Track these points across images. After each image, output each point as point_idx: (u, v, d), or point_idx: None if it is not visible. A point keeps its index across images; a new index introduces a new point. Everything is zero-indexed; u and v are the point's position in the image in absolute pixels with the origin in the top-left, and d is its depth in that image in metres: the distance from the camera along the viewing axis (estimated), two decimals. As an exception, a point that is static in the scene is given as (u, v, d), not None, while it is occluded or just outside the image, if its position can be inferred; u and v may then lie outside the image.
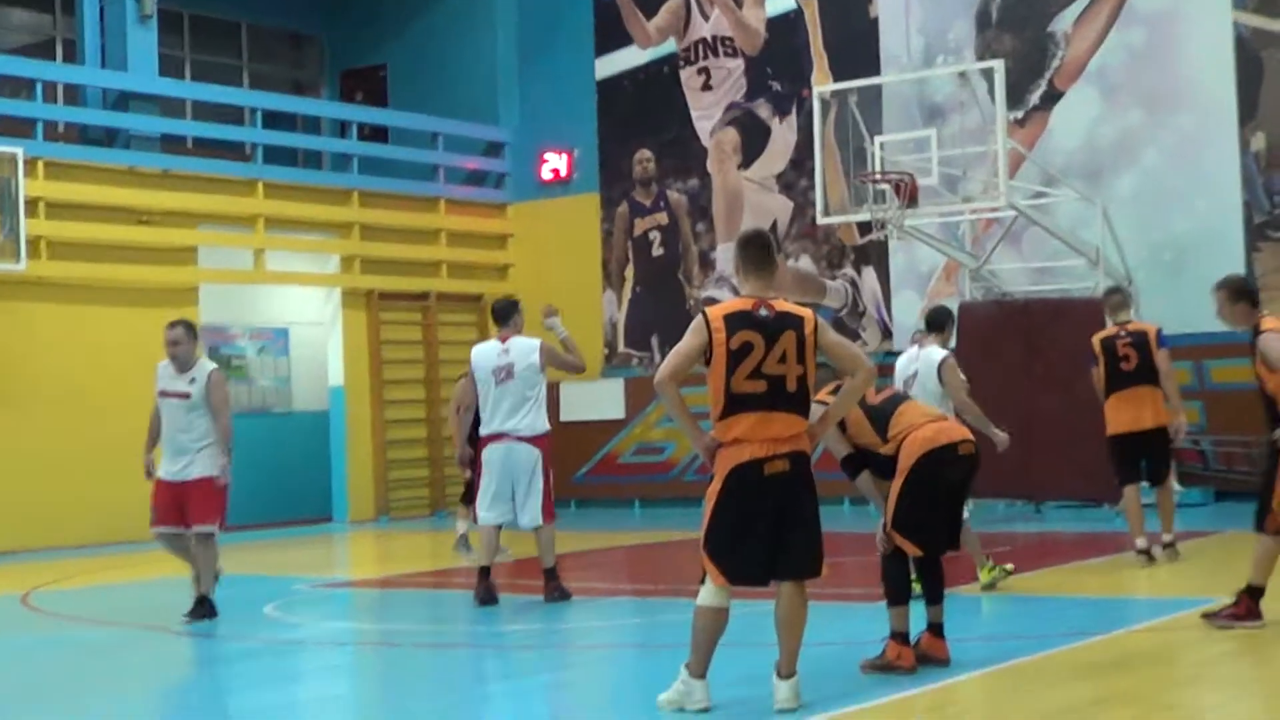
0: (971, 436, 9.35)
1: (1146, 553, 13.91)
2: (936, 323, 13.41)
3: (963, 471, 9.20)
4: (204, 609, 12.66)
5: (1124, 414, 14.36)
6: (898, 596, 9.18)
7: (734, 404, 7.86)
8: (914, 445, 9.05)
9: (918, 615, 9.22)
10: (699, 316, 8.03)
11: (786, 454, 7.83)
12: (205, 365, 12.92)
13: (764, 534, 7.83)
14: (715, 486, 7.90)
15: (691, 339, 7.99)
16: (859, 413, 9.09)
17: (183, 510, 12.67)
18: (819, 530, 8.03)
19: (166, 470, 12.70)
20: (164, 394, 12.82)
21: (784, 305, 8.02)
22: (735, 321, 7.91)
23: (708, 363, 7.98)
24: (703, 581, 7.97)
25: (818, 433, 8.12)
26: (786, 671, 8.01)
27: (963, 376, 12.93)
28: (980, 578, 12.45)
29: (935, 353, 13.09)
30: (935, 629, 9.25)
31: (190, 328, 13.02)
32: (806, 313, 8.08)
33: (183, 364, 12.85)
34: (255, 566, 18.04)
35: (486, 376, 13.01)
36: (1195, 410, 19.96)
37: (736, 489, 7.82)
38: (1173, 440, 14.16)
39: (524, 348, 12.97)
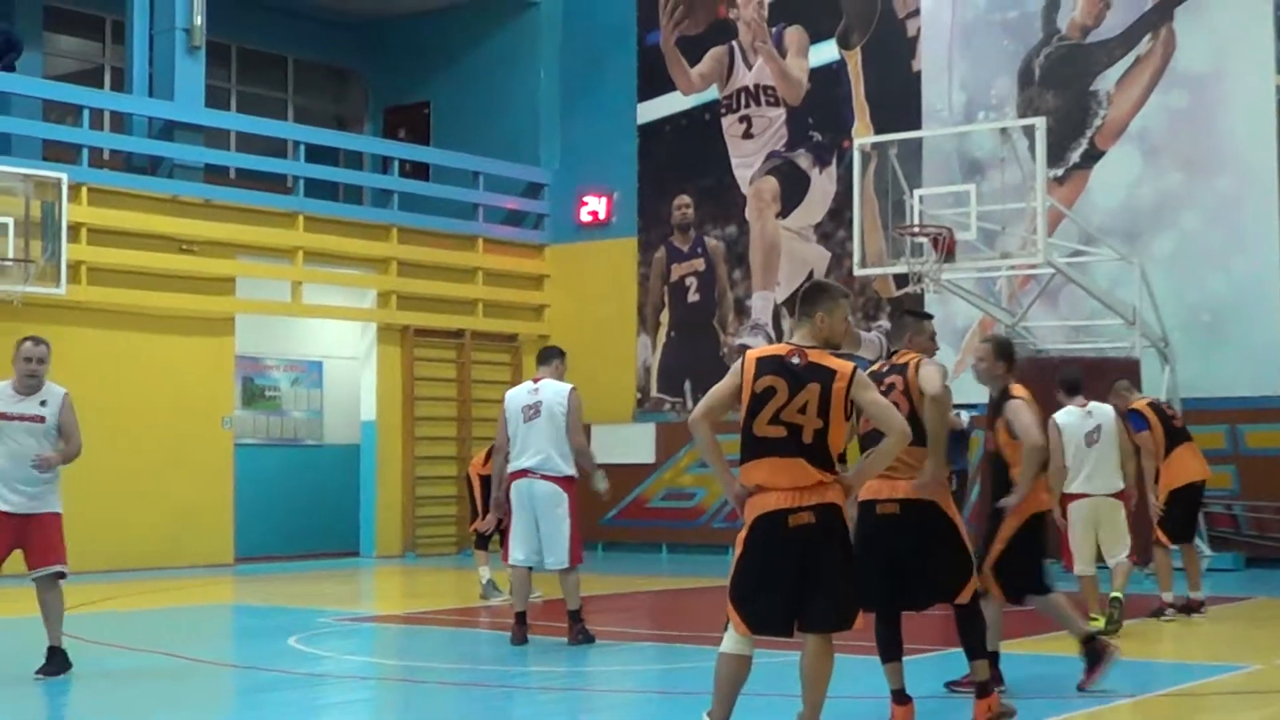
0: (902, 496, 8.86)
1: (1176, 607, 14.22)
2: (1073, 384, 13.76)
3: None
4: (59, 662, 11.36)
5: (1193, 463, 14.69)
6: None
7: (754, 448, 7.81)
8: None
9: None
10: (740, 358, 8.02)
11: (811, 506, 7.68)
12: (55, 388, 11.82)
13: (786, 585, 7.71)
14: (742, 534, 7.83)
15: (728, 379, 7.98)
16: None
17: (22, 547, 11.47)
18: (849, 583, 7.86)
19: (7, 502, 11.32)
20: (7, 418, 11.39)
21: (819, 356, 7.90)
22: (765, 365, 7.87)
23: (742, 405, 7.94)
24: (726, 628, 7.91)
25: (851, 484, 7.97)
26: None
27: None
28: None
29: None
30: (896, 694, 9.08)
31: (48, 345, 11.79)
32: (843, 366, 7.91)
33: (36, 385, 11.65)
34: (280, 598, 18.07)
35: (516, 414, 13.07)
36: (1228, 475, 19.88)
37: (761, 538, 7.74)
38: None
39: (555, 390, 13.02)
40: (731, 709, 7.92)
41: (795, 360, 7.84)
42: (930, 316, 9.51)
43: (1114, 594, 13.33)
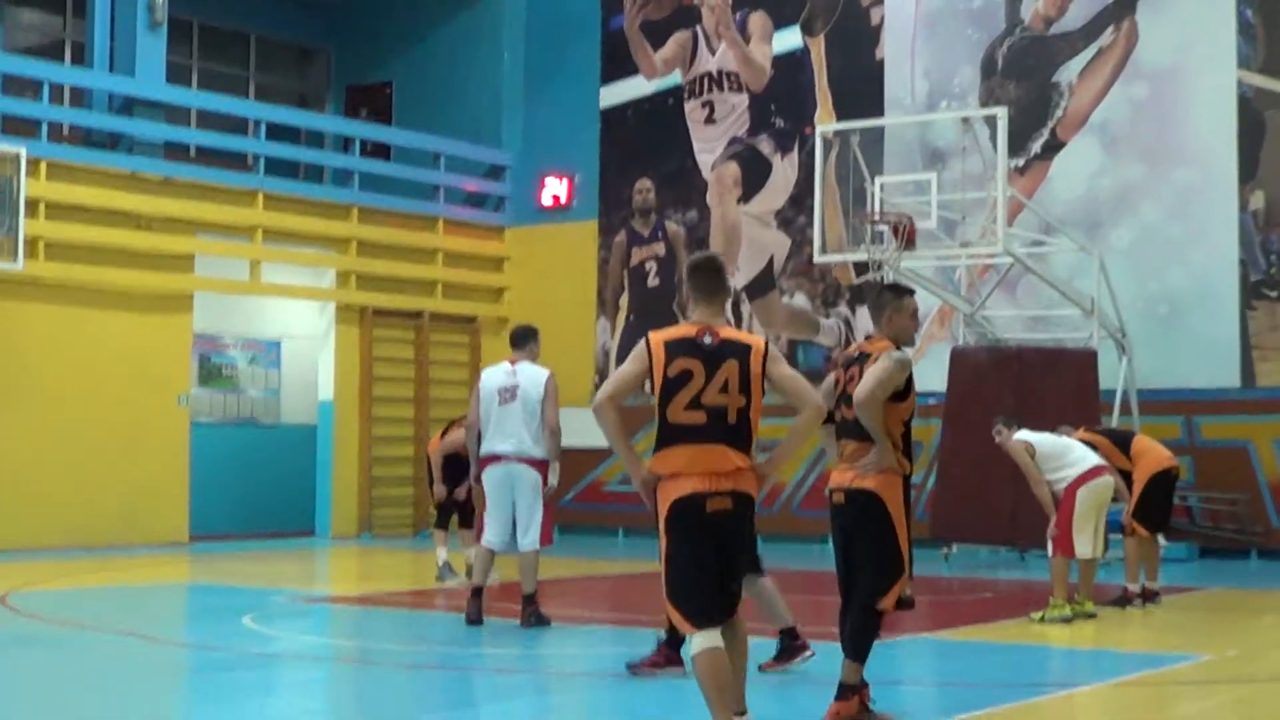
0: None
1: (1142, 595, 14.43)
2: None
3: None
4: None
5: (1162, 449, 14.88)
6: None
7: (671, 435, 7.57)
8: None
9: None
10: (641, 342, 7.71)
11: (729, 492, 7.52)
12: None
13: (714, 571, 7.56)
14: (663, 525, 7.62)
15: (632, 364, 7.70)
16: None
17: None
18: (744, 568, 7.86)
19: None
20: None
21: (731, 333, 7.67)
22: (676, 348, 7.59)
23: (654, 391, 7.68)
24: (670, 629, 7.76)
25: (766, 473, 7.82)
26: (739, 708, 7.78)
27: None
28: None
29: None
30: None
31: None
32: (756, 341, 7.69)
33: None
34: (234, 577, 18.02)
35: (490, 395, 13.02)
36: (1184, 466, 19.97)
37: (680, 527, 7.55)
38: None
39: (533, 374, 12.99)
40: (729, 703, 7.60)
41: (707, 339, 7.58)
42: (911, 292, 9.13)
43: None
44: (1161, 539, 15.53)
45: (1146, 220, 21.48)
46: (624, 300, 25.64)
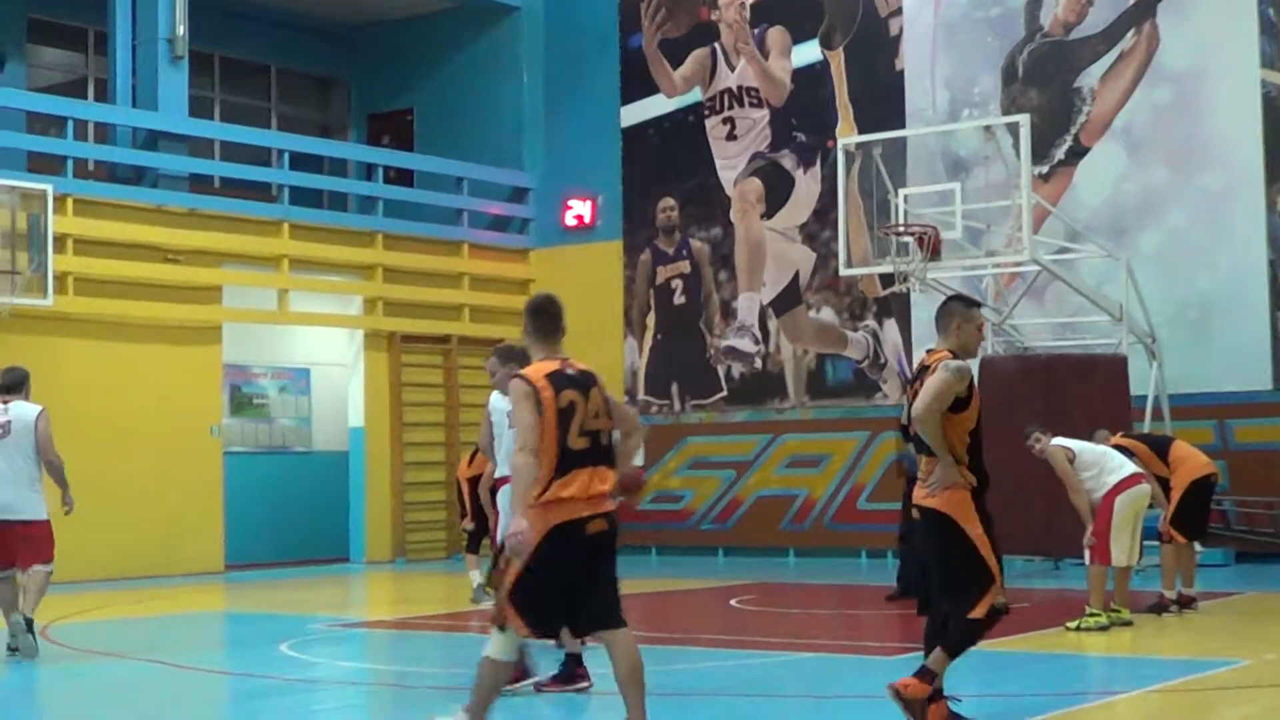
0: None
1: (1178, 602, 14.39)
2: None
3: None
4: None
5: (1200, 455, 14.85)
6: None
7: (568, 462, 7.82)
8: None
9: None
10: (520, 382, 7.96)
11: (606, 514, 7.90)
12: None
13: (572, 589, 7.83)
14: (536, 540, 7.75)
15: (530, 406, 7.86)
16: None
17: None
18: (617, 581, 8.11)
19: None
20: None
21: (579, 364, 8.14)
22: (559, 381, 7.94)
23: (544, 424, 7.87)
24: (501, 628, 7.89)
25: (628, 486, 8.28)
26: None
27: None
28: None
29: None
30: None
31: None
32: (591, 369, 8.21)
33: None
34: (271, 605, 18.06)
35: (501, 419, 13.00)
36: (1218, 470, 19.91)
37: (557, 545, 7.76)
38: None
39: None
40: (489, 710, 8.03)
41: (572, 371, 8.02)
42: (979, 304, 9.09)
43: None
44: (1198, 545, 15.48)
45: (1173, 224, 21.42)
46: (651, 319, 25.65)
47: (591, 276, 26.02)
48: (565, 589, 7.83)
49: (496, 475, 13.07)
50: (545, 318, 8.33)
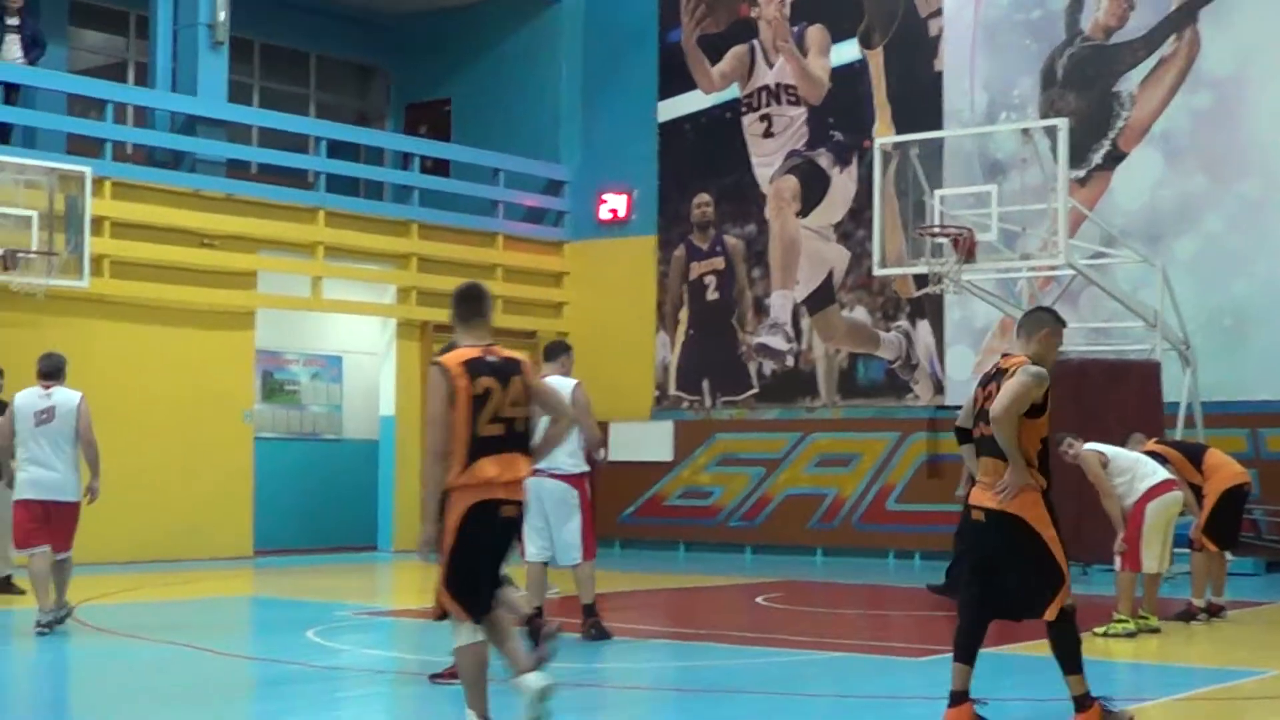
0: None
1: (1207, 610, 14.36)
2: None
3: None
4: None
5: (1234, 463, 14.78)
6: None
7: (479, 448, 8.11)
8: None
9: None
10: (435, 370, 8.25)
11: (517, 501, 8.24)
12: None
13: (491, 570, 8.21)
14: (454, 524, 8.09)
15: (440, 394, 8.20)
16: None
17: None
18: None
19: None
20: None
21: (505, 351, 8.39)
22: (475, 368, 8.18)
23: (456, 410, 8.19)
24: (440, 618, 8.23)
25: (540, 455, 8.59)
26: (529, 665, 8.25)
27: None
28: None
29: None
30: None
31: None
32: (523, 357, 8.47)
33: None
34: (297, 591, 18.12)
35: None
36: (1251, 479, 19.85)
37: (473, 529, 8.08)
38: None
39: (560, 386, 13.00)
40: (487, 695, 8.26)
41: (493, 359, 8.25)
42: (1064, 324, 9.32)
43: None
44: (1229, 554, 15.43)
45: (1210, 231, 21.36)
46: (683, 314, 25.66)
47: (625, 271, 26.05)
48: (486, 570, 8.18)
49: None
50: (468, 304, 8.53)
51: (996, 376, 8.93)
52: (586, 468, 13.06)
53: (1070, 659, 8.90)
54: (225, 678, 11.53)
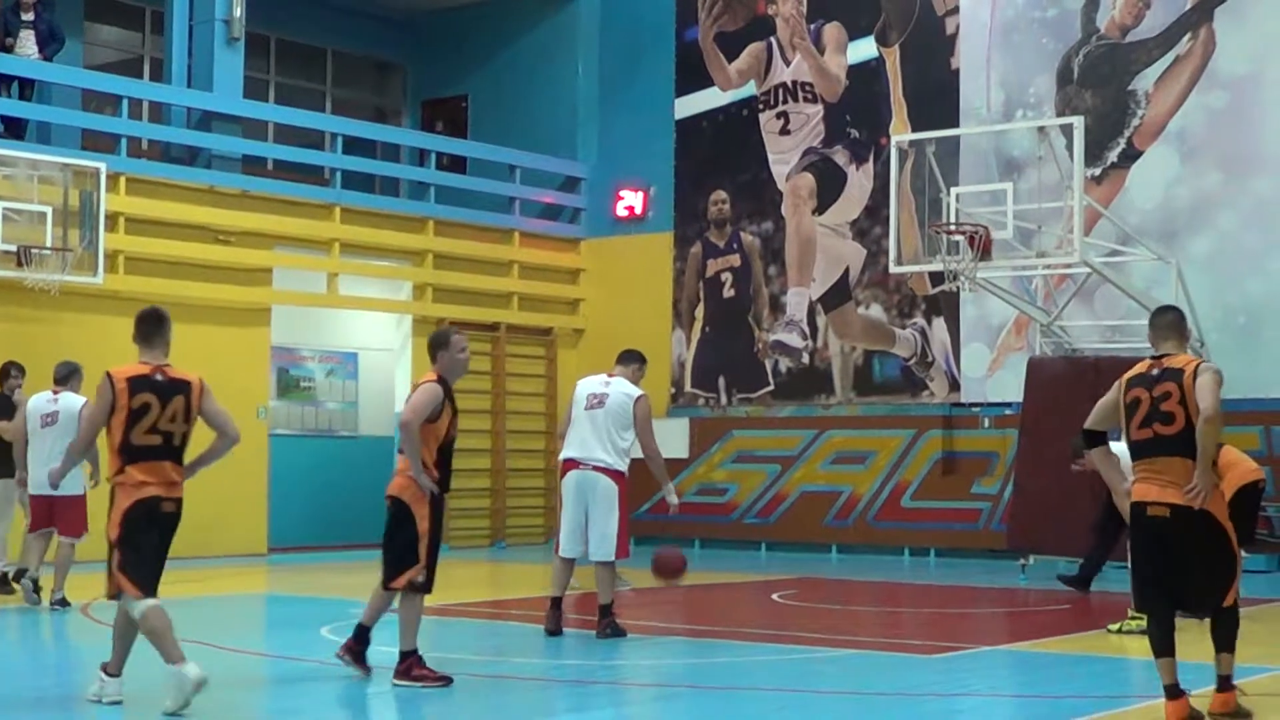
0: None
1: None
2: None
3: None
4: None
5: (1250, 463, 14.75)
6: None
7: (135, 454, 9.57)
8: None
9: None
10: (104, 379, 9.64)
11: (177, 498, 9.72)
12: None
13: (154, 554, 9.71)
14: (117, 518, 9.58)
15: (100, 400, 9.66)
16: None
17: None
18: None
19: None
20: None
21: (177, 373, 9.76)
22: (137, 384, 9.60)
23: (114, 418, 9.57)
24: (114, 597, 9.74)
25: (193, 469, 9.96)
26: (181, 656, 9.52)
27: None
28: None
29: None
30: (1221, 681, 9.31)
31: None
32: (195, 379, 9.82)
33: None
34: (312, 588, 18.15)
35: (581, 400, 13.11)
36: (1266, 476, 19.83)
37: (138, 517, 9.55)
38: None
39: (625, 389, 13.04)
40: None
41: (160, 378, 9.64)
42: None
43: None
44: (1243, 550, 15.38)
45: (1225, 229, 21.31)
46: (700, 311, 25.65)
47: (641, 268, 26.06)
48: (154, 552, 9.69)
49: (561, 457, 13.22)
50: (147, 327, 10.10)
51: (1165, 376, 9.09)
52: (624, 467, 13.09)
53: (1231, 640, 9.27)
54: (239, 675, 11.54)
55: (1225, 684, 9.22)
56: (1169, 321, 9.40)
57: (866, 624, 15.28)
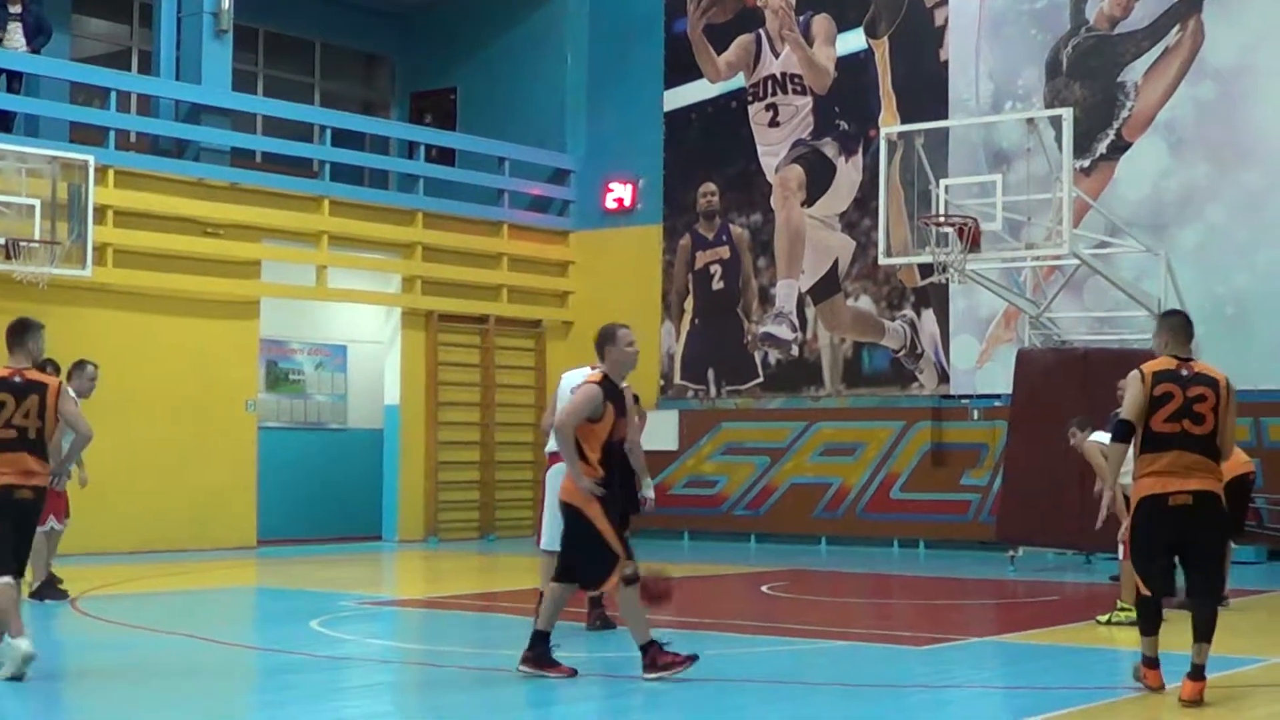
0: None
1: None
2: None
3: None
4: None
5: (1239, 455, 14.80)
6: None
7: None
8: None
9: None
10: None
11: (34, 486, 10.41)
12: None
13: (15, 537, 10.39)
14: None
15: None
16: None
17: None
18: (31, 539, 10.70)
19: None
20: None
21: (35, 376, 10.52)
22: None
23: None
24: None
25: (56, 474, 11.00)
26: (21, 631, 10.21)
27: None
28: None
29: None
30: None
31: None
32: (52, 381, 10.62)
33: None
34: (303, 581, 18.13)
35: (564, 394, 13.09)
36: (1253, 467, 19.86)
37: (10, 504, 10.31)
38: None
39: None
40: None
41: (17, 379, 10.42)
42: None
43: None
44: (1232, 542, 15.41)
45: (1213, 221, 21.33)
46: (689, 303, 25.65)
47: (631, 260, 26.05)
48: (9, 538, 10.33)
49: (549, 449, 13.18)
50: (13, 335, 10.69)
51: (1200, 380, 9.76)
52: None
53: (1211, 630, 9.66)
54: (229, 668, 11.53)
55: (1200, 673, 9.42)
56: (1183, 325, 10.08)
57: (856, 615, 15.29)
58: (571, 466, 10.40)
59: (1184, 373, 9.73)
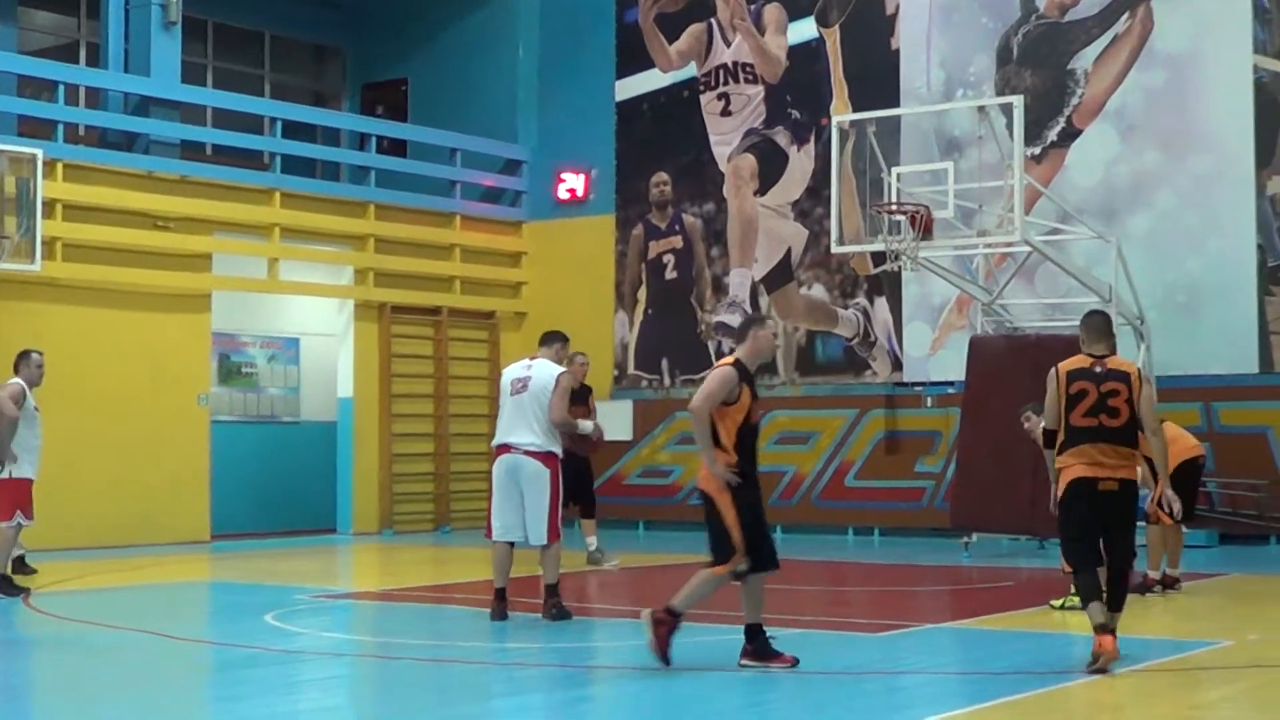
0: None
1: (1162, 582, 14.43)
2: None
3: None
4: None
5: (1189, 438, 14.87)
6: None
7: None
8: None
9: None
10: None
11: None
12: None
13: None
14: None
15: None
16: None
17: None
18: None
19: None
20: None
21: None
22: None
23: None
24: None
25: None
26: None
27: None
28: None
29: None
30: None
31: None
32: None
33: None
34: (257, 575, 18.07)
35: (506, 387, 13.14)
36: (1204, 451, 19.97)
37: None
38: None
39: (547, 370, 13.04)
40: None
41: None
42: None
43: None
44: (1184, 526, 15.50)
45: (1164, 207, 21.44)
46: (642, 293, 25.64)
47: (583, 250, 26.02)
48: None
49: (495, 442, 13.17)
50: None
51: (1112, 376, 10.38)
52: (559, 450, 13.08)
53: (1124, 600, 10.51)
54: (183, 663, 11.48)
55: (1111, 630, 10.10)
56: (1100, 325, 10.69)
57: (810, 603, 15.31)
58: (706, 452, 10.21)
59: (1097, 369, 10.40)
